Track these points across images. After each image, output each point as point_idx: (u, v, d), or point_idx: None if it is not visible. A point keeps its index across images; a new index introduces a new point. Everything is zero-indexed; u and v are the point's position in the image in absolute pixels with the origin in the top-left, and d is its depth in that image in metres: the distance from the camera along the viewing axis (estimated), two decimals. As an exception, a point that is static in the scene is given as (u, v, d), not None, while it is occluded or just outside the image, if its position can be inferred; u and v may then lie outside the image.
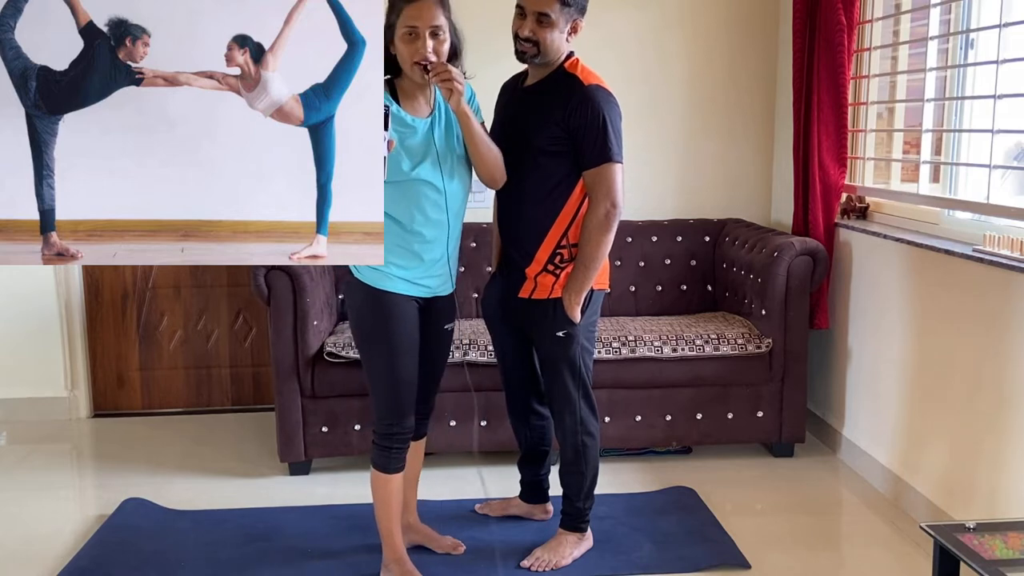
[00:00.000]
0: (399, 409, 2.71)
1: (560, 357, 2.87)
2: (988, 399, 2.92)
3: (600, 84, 2.78)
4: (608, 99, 2.76)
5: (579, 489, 2.97)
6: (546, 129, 2.76)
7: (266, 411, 4.46)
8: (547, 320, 2.85)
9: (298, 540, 3.13)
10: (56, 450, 4.14)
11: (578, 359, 2.87)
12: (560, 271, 2.83)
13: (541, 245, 2.83)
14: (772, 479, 3.69)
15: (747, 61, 4.46)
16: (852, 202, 3.85)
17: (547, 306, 2.84)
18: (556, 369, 2.89)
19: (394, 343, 2.66)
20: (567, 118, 2.73)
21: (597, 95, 2.74)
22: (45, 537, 3.21)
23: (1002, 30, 2.93)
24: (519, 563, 2.96)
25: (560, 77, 2.79)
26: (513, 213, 2.88)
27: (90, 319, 4.51)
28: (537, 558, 2.95)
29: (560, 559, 2.95)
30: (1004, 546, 2.08)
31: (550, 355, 2.90)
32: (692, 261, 4.29)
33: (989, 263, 2.85)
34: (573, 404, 2.91)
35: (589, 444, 2.94)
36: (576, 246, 2.81)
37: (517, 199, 2.84)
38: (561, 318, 2.82)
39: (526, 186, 2.80)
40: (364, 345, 2.72)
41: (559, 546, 2.98)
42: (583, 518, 3.01)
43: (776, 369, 3.76)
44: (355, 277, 2.68)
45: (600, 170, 2.74)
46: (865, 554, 3.11)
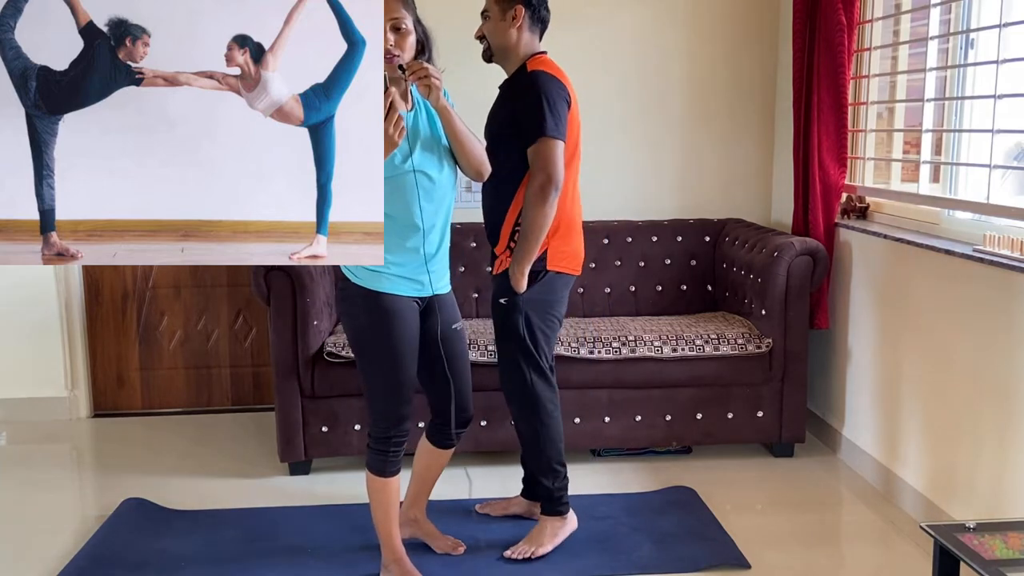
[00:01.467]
0: (397, 413, 2.70)
1: (503, 326, 2.95)
2: (988, 399, 2.92)
3: (543, 69, 2.89)
4: (548, 80, 2.86)
5: (542, 467, 3.00)
6: (499, 116, 2.95)
7: (266, 411, 4.47)
8: (497, 290, 2.96)
9: (298, 540, 3.13)
10: (56, 450, 4.14)
11: (520, 329, 2.92)
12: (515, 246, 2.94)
13: (502, 225, 2.95)
14: (772, 479, 3.69)
15: (747, 61, 4.46)
16: (852, 202, 3.85)
17: (500, 278, 2.96)
18: (501, 338, 2.98)
19: (393, 344, 2.64)
20: (515, 103, 2.89)
21: (537, 78, 2.86)
22: (45, 537, 3.21)
23: (1002, 30, 2.93)
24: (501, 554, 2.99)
25: (520, 74, 2.93)
26: (484, 201, 3.03)
27: (90, 319, 4.52)
28: (516, 547, 3.00)
29: (539, 547, 2.98)
30: (1004, 546, 2.08)
31: (497, 324, 2.99)
32: (692, 261, 4.29)
33: (989, 263, 2.85)
34: (523, 376, 2.95)
35: (547, 421, 2.97)
36: None
37: (487, 187, 2.97)
38: (506, 286, 2.92)
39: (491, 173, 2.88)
40: (362, 348, 2.70)
41: (539, 534, 3.02)
42: (557, 499, 3.03)
43: (776, 369, 3.76)
44: (350, 282, 2.65)
45: (537, 145, 2.84)
46: (865, 554, 3.11)
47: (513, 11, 2.90)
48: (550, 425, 2.98)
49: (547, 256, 2.93)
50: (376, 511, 2.80)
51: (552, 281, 2.96)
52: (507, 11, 2.91)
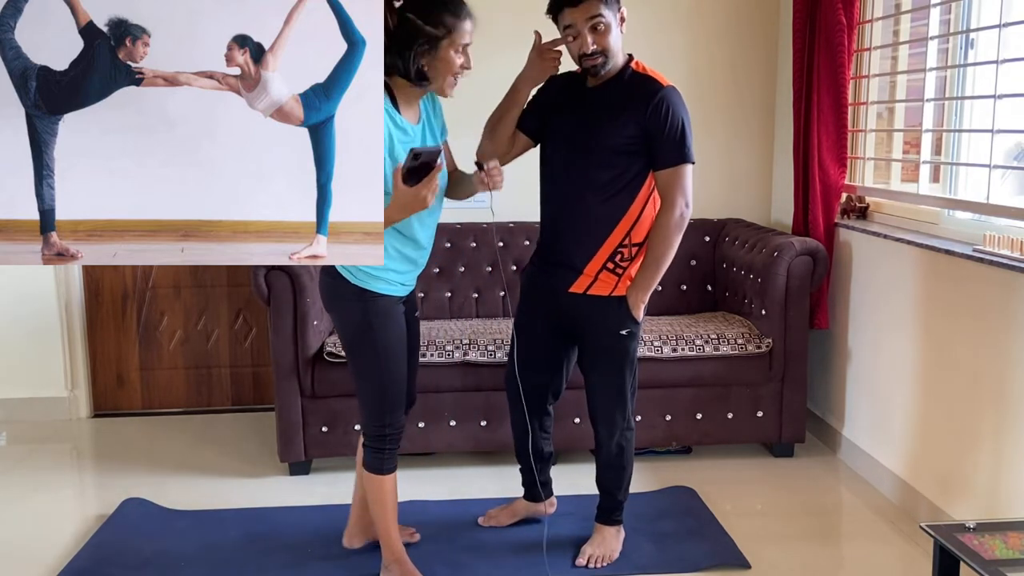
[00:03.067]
0: (392, 409, 2.72)
1: (620, 355, 2.89)
2: (988, 399, 2.92)
3: (674, 87, 2.80)
4: (682, 102, 2.79)
5: (620, 483, 3.02)
6: (623, 129, 2.75)
7: (266, 411, 4.47)
8: (609, 318, 2.85)
9: (298, 540, 3.13)
10: (56, 450, 4.14)
11: (635, 358, 2.92)
12: (621, 269, 2.83)
13: (605, 242, 2.81)
14: (772, 479, 3.69)
15: (747, 61, 4.46)
16: (852, 202, 3.85)
17: (609, 303, 2.84)
18: (614, 367, 2.91)
19: (388, 343, 2.67)
20: (648, 119, 2.73)
21: (674, 98, 2.76)
22: (45, 537, 3.21)
23: (1002, 30, 2.93)
24: (574, 562, 2.97)
25: (632, 78, 2.79)
26: (578, 210, 2.83)
27: (90, 319, 4.51)
28: (590, 556, 2.98)
29: (612, 552, 3.00)
30: (1004, 546, 2.08)
31: (608, 353, 2.89)
32: (692, 261, 4.28)
33: (989, 263, 2.85)
34: (625, 402, 2.93)
35: (631, 439, 3.00)
36: (637, 245, 2.82)
37: (581, 196, 2.81)
38: (625, 316, 2.84)
39: (596, 184, 2.79)
40: (356, 347, 2.70)
41: (606, 540, 3.02)
42: (622, 510, 3.06)
43: (776, 369, 3.76)
44: (343, 280, 2.64)
45: (676, 171, 2.75)
46: (865, 554, 3.11)
47: (620, 10, 2.75)
48: (632, 443, 3.02)
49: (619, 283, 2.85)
50: (375, 509, 2.81)
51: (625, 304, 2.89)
52: (617, 13, 2.75)
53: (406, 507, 3.35)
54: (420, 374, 3.60)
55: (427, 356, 3.57)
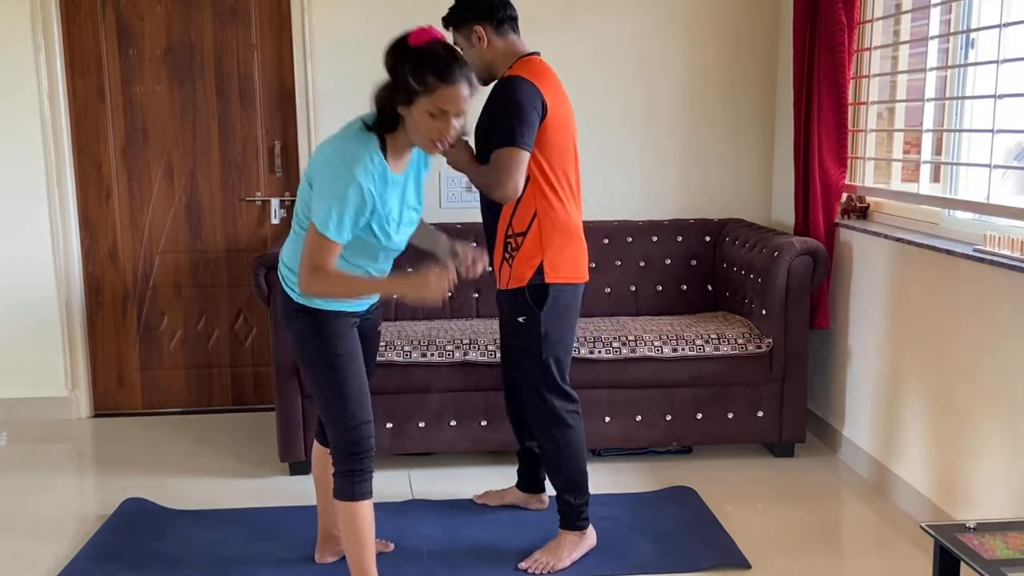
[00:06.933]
0: (358, 423, 2.54)
1: (519, 345, 2.92)
2: (988, 398, 2.92)
3: (521, 74, 2.80)
4: (521, 86, 2.75)
5: (565, 484, 2.96)
6: (481, 121, 2.88)
7: (266, 411, 4.46)
8: (512, 309, 2.90)
9: (298, 540, 3.13)
10: (56, 450, 4.14)
11: (538, 347, 2.86)
12: (512, 259, 2.86)
13: (496, 237, 2.90)
14: (772, 479, 3.69)
15: (747, 61, 4.46)
16: (852, 202, 3.85)
17: (504, 296, 2.92)
18: (518, 358, 2.95)
19: (343, 358, 2.53)
20: (488, 105, 2.84)
21: (510, 84, 2.79)
22: (45, 537, 3.21)
23: (1002, 30, 2.93)
24: (516, 564, 2.95)
25: (499, 81, 2.88)
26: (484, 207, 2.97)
27: (90, 319, 4.51)
28: (535, 560, 2.94)
29: (557, 561, 2.93)
30: (1004, 546, 2.08)
31: (512, 344, 2.97)
32: (692, 261, 4.28)
33: (989, 263, 2.85)
34: (541, 395, 2.91)
35: (568, 436, 2.92)
36: (521, 235, 2.84)
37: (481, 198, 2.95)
38: (519, 303, 2.86)
39: None
40: (313, 367, 2.57)
41: (558, 547, 2.97)
42: (578, 515, 2.98)
43: (776, 369, 3.76)
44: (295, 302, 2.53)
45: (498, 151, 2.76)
46: (865, 554, 3.11)
47: (474, 33, 2.84)
48: (571, 439, 2.93)
49: (543, 270, 2.82)
50: (349, 542, 2.58)
51: (564, 293, 2.87)
52: (469, 36, 2.85)
53: (406, 507, 3.36)
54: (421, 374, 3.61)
55: (427, 356, 3.57)
